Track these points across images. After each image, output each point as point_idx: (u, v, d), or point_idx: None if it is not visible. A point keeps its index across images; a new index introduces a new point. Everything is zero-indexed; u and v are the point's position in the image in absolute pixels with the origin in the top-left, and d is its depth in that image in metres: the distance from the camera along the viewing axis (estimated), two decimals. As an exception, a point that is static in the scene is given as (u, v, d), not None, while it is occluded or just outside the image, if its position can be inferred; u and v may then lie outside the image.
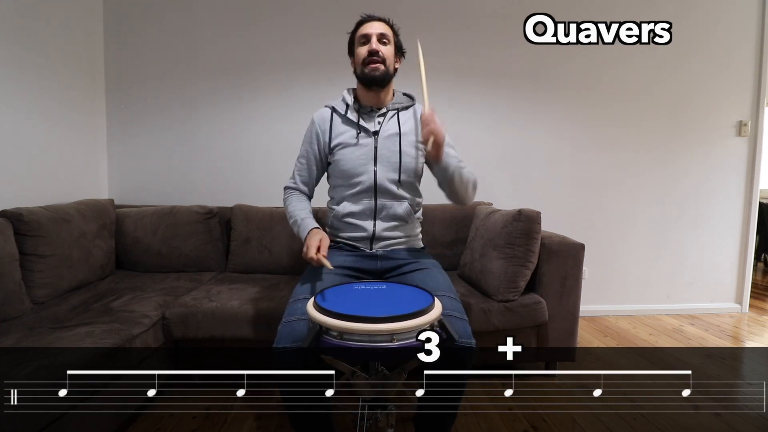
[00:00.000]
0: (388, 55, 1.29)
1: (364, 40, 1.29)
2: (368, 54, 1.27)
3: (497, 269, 1.70)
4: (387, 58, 1.29)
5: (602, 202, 2.68)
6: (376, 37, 1.28)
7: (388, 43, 1.30)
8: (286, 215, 1.37)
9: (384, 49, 1.28)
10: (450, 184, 1.27)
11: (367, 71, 1.28)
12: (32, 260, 1.58)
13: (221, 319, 1.59)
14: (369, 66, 1.28)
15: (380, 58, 1.27)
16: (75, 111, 2.17)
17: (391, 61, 1.31)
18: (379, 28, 1.29)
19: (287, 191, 1.41)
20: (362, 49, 1.29)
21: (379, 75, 1.28)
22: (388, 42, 1.30)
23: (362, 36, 1.30)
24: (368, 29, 1.29)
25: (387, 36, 1.30)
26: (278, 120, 2.47)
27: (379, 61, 1.27)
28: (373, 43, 1.27)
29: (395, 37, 1.34)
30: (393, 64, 1.32)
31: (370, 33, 1.28)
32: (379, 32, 1.28)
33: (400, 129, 1.33)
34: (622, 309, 2.73)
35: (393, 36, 1.32)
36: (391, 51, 1.31)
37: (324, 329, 0.81)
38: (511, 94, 2.57)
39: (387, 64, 1.29)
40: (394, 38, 1.33)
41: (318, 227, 1.25)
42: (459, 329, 1.01)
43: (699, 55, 2.62)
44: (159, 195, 2.44)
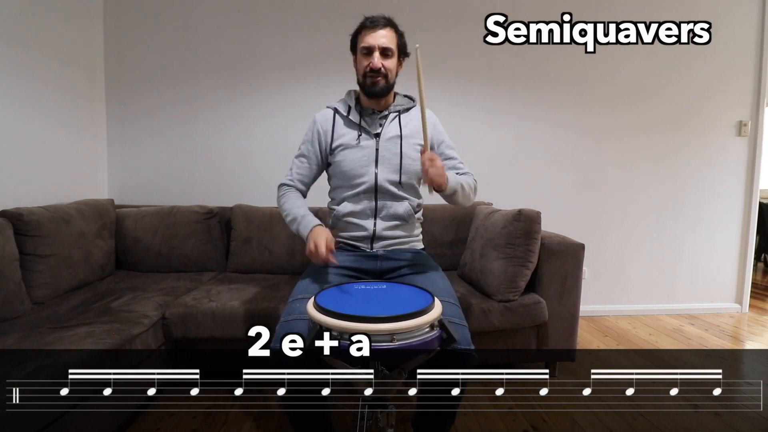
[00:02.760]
0: (391, 68, 1.27)
1: (367, 52, 1.26)
2: (370, 69, 1.25)
3: (497, 269, 1.70)
4: (390, 71, 1.27)
5: (602, 202, 2.68)
6: (378, 52, 1.24)
7: (393, 55, 1.27)
8: (281, 212, 1.34)
9: (387, 63, 1.25)
10: (454, 202, 1.26)
11: (368, 84, 1.27)
12: (32, 260, 1.58)
13: (221, 319, 1.59)
14: (370, 81, 1.26)
15: (382, 74, 1.25)
16: (75, 111, 2.17)
17: (393, 73, 1.29)
18: (383, 39, 1.24)
19: (283, 188, 1.38)
20: (364, 61, 1.26)
21: (380, 90, 1.27)
22: (392, 54, 1.26)
23: (365, 47, 1.26)
24: (371, 40, 1.24)
25: (391, 49, 1.26)
26: (278, 119, 2.47)
27: (381, 76, 1.25)
28: (375, 59, 1.24)
29: (399, 40, 1.29)
30: (395, 73, 1.30)
31: (373, 45, 1.24)
32: (383, 46, 1.24)
33: (401, 131, 1.33)
34: (622, 309, 2.73)
35: (397, 40, 1.28)
36: (393, 63, 1.28)
37: (324, 329, 0.81)
38: (511, 95, 2.57)
39: (389, 77, 1.27)
40: (398, 42, 1.29)
41: (320, 224, 1.23)
42: (459, 335, 1.01)
43: (699, 56, 2.62)
44: (159, 195, 2.44)
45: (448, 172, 1.20)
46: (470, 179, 1.32)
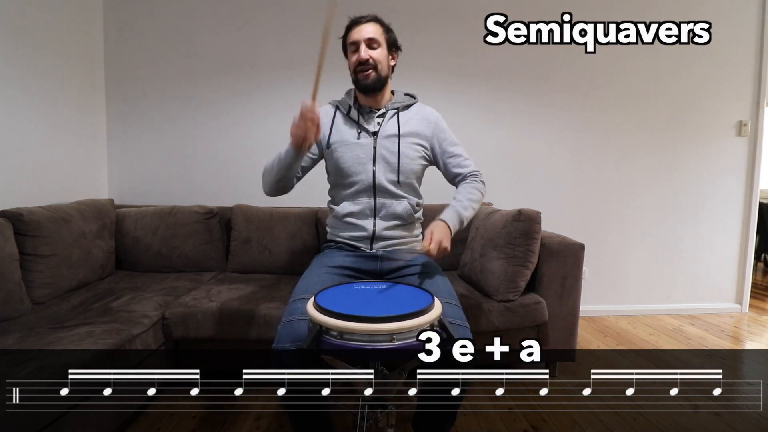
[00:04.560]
0: (380, 58, 1.27)
1: (354, 48, 1.26)
2: (358, 63, 1.25)
3: (497, 269, 1.70)
4: (379, 62, 1.26)
5: (602, 202, 2.68)
6: (364, 44, 1.24)
7: (379, 46, 1.26)
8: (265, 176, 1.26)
9: (375, 54, 1.25)
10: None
11: (360, 79, 1.27)
12: (32, 260, 1.58)
13: (221, 319, 1.59)
14: (360, 74, 1.26)
15: (371, 65, 1.25)
16: (75, 111, 2.17)
17: (384, 64, 1.28)
18: (368, 32, 1.25)
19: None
20: (353, 57, 1.27)
21: (371, 82, 1.27)
22: (378, 45, 1.26)
23: (352, 43, 1.27)
24: (356, 35, 1.25)
25: (376, 39, 1.25)
26: (279, 119, 2.46)
27: (370, 68, 1.25)
28: (362, 52, 1.24)
29: (387, 34, 1.29)
30: (387, 65, 1.29)
31: (359, 39, 1.25)
32: (367, 37, 1.24)
33: (399, 129, 1.33)
34: (622, 309, 2.73)
35: (384, 34, 1.28)
36: (382, 53, 1.27)
37: (324, 329, 0.81)
38: (511, 94, 2.57)
39: (379, 69, 1.26)
40: (386, 36, 1.29)
41: None
42: (460, 336, 1.01)
43: (699, 56, 2.62)
44: (159, 195, 2.44)
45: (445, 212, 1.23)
46: (472, 188, 1.31)
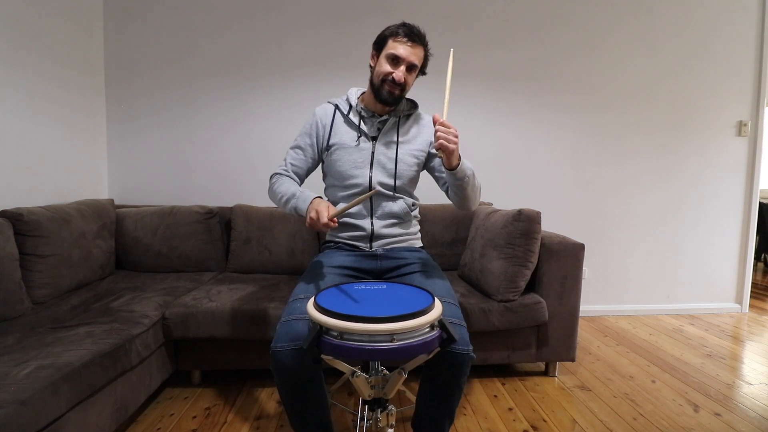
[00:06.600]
0: (410, 82, 1.28)
1: (394, 62, 1.25)
2: (392, 80, 1.24)
3: (497, 269, 1.70)
4: (408, 85, 1.28)
5: (602, 202, 2.68)
6: (405, 67, 1.24)
7: (414, 71, 1.28)
8: (275, 196, 1.27)
9: (408, 78, 1.27)
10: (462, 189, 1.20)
11: (384, 92, 1.27)
12: (32, 260, 1.58)
13: (221, 319, 1.59)
14: (386, 88, 1.26)
15: (400, 85, 1.25)
16: (75, 111, 2.17)
17: (410, 85, 1.29)
18: (415, 57, 1.24)
19: (276, 176, 1.33)
20: (387, 66, 1.25)
21: (393, 100, 1.28)
22: (415, 70, 1.28)
23: (395, 56, 1.24)
24: (404, 52, 1.23)
25: (416, 66, 1.26)
26: (279, 119, 2.47)
27: (399, 88, 1.26)
28: (400, 72, 1.24)
29: (425, 60, 1.29)
30: (410, 86, 1.30)
31: (404, 58, 1.24)
32: (411, 63, 1.24)
33: (398, 137, 1.33)
34: (622, 309, 2.73)
35: (423, 60, 1.28)
36: (413, 78, 1.29)
37: (324, 329, 0.81)
38: (511, 95, 2.57)
39: (404, 90, 1.28)
40: (423, 62, 1.29)
41: (320, 196, 1.19)
42: (458, 336, 1.01)
43: (699, 56, 2.62)
44: (159, 195, 2.44)
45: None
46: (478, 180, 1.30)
